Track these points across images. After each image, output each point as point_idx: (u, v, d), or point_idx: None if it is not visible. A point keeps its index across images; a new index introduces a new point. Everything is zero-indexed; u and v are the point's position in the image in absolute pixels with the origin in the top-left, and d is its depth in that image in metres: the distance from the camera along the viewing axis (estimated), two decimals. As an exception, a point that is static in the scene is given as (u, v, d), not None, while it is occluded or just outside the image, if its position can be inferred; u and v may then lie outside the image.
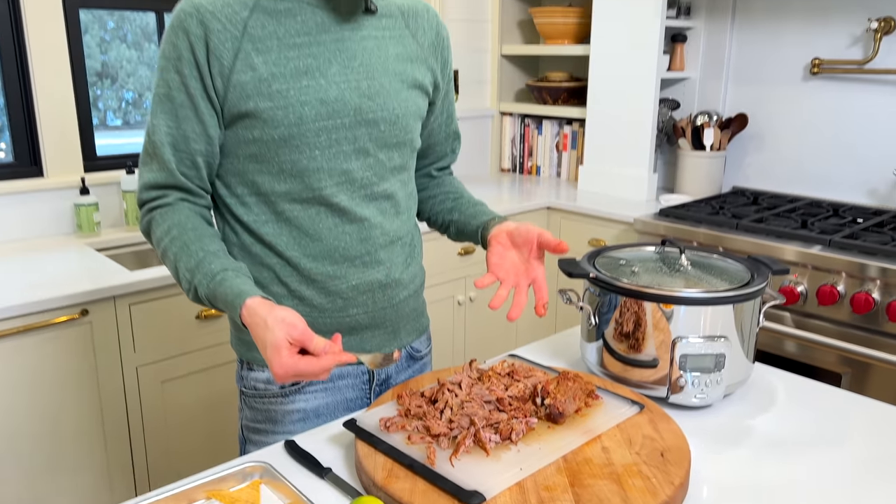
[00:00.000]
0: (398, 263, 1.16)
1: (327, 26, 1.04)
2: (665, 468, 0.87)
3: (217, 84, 1.00)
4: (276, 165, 1.04)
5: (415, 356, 1.27)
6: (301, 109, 1.01)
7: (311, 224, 1.07)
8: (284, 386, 1.13)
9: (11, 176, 2.05)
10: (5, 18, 2.00)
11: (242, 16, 1.00)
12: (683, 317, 1.06)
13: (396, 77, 1.09)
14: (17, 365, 1.60)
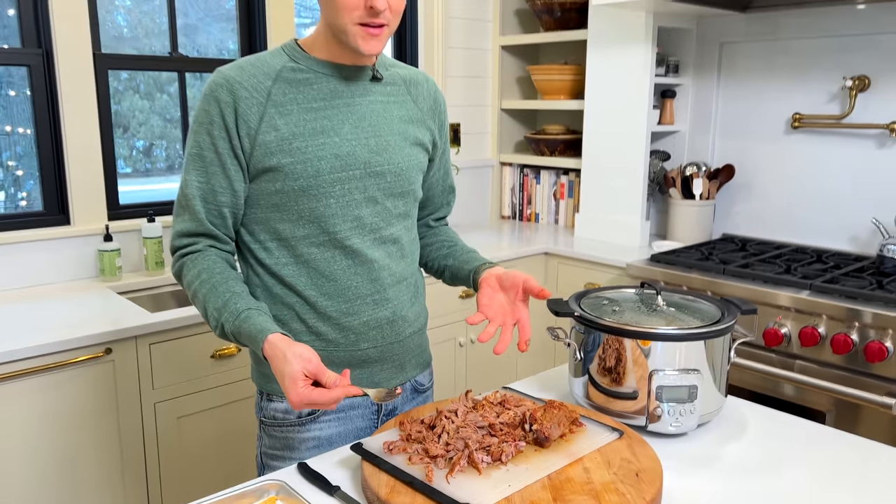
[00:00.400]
0: (404, 302, 1.29)
1: (340, 92, 1.20)
2: (639, 486, 0.97)
3: (244, 144, 1.15)
4: (295, 213, 1.18)
5: (419, 389, 1.39)
6: (318, 163, 1.16)
7: (327, 266, 1.21)
8: (301, 415, 1.25)
9: (41, 224, 2.19)
10: (41, 75, 2.16)
11: (266, 85, 1.16)
12: (660, 352, 1.17)
13: (400, 136, 1.25)
14: (43, 400, 1.70)
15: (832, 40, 2.49)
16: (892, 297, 1.96)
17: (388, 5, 1.12)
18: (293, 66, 1.19)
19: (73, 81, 2.16)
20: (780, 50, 2.62)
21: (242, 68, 1.17)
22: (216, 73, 1.17)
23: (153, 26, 2.47)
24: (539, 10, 3.11)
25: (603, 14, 2.77)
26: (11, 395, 1.66)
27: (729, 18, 2.72)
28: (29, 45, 2.15)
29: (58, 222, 2.22)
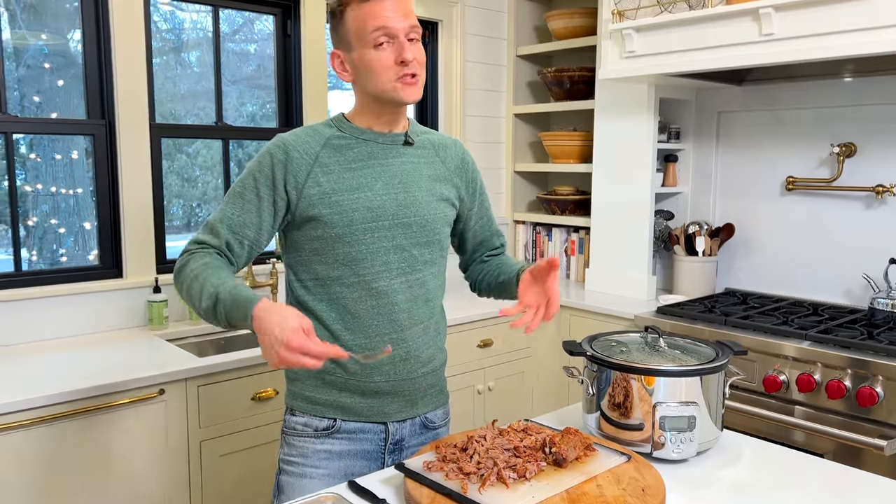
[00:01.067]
0: (419, 343, 1.45)
1: (375, 154, 1.42)
2: (645, 499, 1.13)
3: (292, 196, 1.37)
4: (332, 256, 1.38)
5: (428, 426, 1.52)
6: (352, 214, 1.37)
7: (353, 304, 1.39)
8: (317, 429, 1.42)
9: (97, 277, 2.40)
10: (103, 144, 2.41)
11: (315, 150, 1.39)
12: (663, 386, 1.34)
13: (427, 192, 1.45)
14: (102, 435, 1.87)
15: (821, 110, 2.71)
16: (881, 347, 2.11)
17: (414, 56, 1.35)
18: (339, 135, 1.41)
19: (131, 149, 2.40)
20: (774, 119, 2.84)
21: (298, 135, 1.41)
22: (277, 137, 1.41)
23: (191, 93, 2.73)
24: (550, 83, 3.37)
25: (609, 87, 3.02)
26: (76, 430, 1.83)
27: (726, 91, 2.96)
28: (94, 116, 2.40)
29: (112, 275, 2.43)
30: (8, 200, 2.29)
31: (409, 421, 1.48)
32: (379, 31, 1.33)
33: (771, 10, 2.15)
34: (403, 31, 1.34)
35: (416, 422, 1.50)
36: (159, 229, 2.54)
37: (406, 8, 1.36)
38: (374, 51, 1.34)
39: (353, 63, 1.38)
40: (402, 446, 1.48)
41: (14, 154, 2.29)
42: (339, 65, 1.41)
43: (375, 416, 1.44)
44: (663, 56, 2.49)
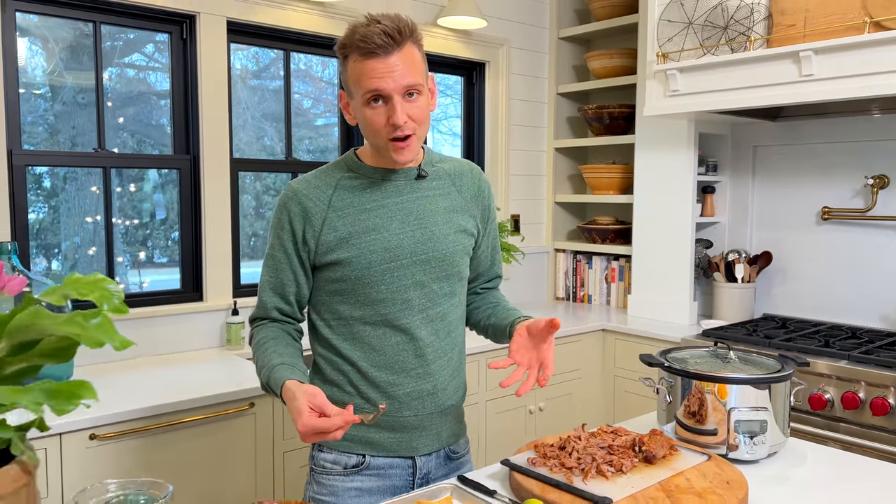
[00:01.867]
0: (445, 376, 1.47)
1: (389, 193, 1.43)
2: (731, 490, 1.27)
3: (310, 244, 1.40)
4: (353, 297, 1.41)
5: (451, 457, 1.54)
6: (370, 256, 1.39)
7: (378, 342, 1.42)
8: (346, 466, 1.45)
9: (180, 300, 2.58)
10: (188, 177, 2.60)
11: (328, 194, 1.41)
12: (736, 393, 1.48)
13: (445, 225, 1.45)
14: (197, 445, 2.03)
15: (853, 145, 2.87)
16: (921, 366, 2.24)
17: (407, 118, 1.32)
18: (350, 176, 1.43)
19: (214, 182, 2.60)
20: (808, 153, 3.01)
21: (308, 182, 1.43)
22: (287, 188, 1.44)
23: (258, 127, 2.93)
24: (590, 118, 3.56)
25: (650, 122, 3.20)
26: (176, 441, 1.99)
27: (761, 126, 3.14)
28: (179, 151, 2.61)
29: (194, 299, 2.61)
30: (104, 229, 2.48)
31: (435, 454, 1.50)
32: (371, 92, 1.31)
33: (811, 52, 2.33)
34: (397, 91, 1.31)
35: (440, 454, 1.52)
36: (236, 256, 2.72)
37: (407, 64, 1.32)
38: (368, 108, 1.33)
39: (354, 110, 1.39)
40: (429, 479, 1.50)
41: (111, 186, 2.48)
42: (345, 106, 1.42)
43: (404, 450, 1.46)
44: (705, 95, 2.67)
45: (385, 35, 1.30)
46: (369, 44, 1.30)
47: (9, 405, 0.63)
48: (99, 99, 2.45)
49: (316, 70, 3.07)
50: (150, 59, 2.63)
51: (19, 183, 2.27)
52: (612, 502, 1.21)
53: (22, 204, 2.29)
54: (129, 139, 2.56)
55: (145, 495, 0.78)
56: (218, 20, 2.57)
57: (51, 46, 2.37)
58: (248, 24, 2.68)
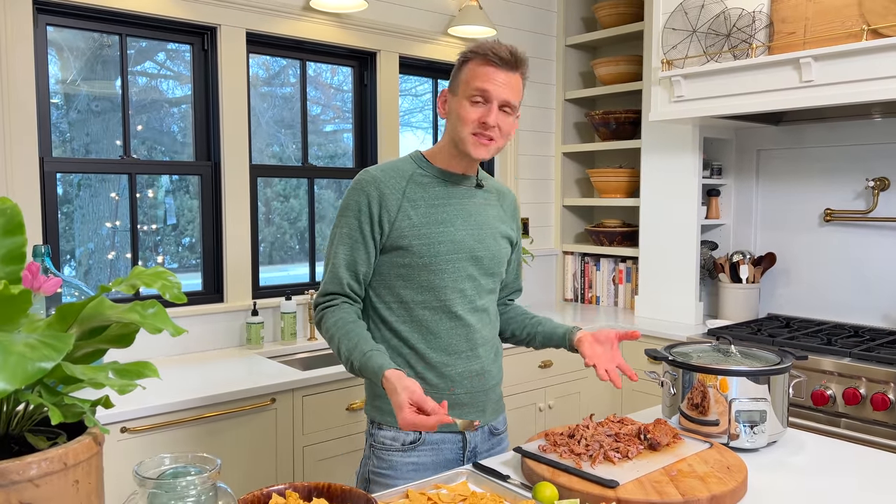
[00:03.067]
0: (490, 359, 1.65)
1: (453, 194, 1.61)
2: (731, 474, 1.35)
3: (385, 227, 1.54)
4: (416, 282, 1.56)
5: (494, 432, 1.70)
6: (438, 246, 1.55)
7: (435, 325, 1.57)
8: (404, 443, 1.58)
9: (202, 301, 2.67)
10: (209, 183, 2.70)
11: (402, 185, 1.57)
12: (737, 385, 1.56)
13: (494, 230, 1.65)
14: (221, 439, 2.12)
15: (854, 148, 2.95)
16: (921, 362, 2.31)
17: (497, 124, 1.51)
18: (421, 173, 1.59)
19: (234, 187, 2.70)
20: (810, 156, 3.08)
21: (385, 171, 1.58)
22: (364, 173, 1.57)
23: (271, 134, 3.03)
24: (597, 124, 3.65)
25: (655, 127, 3.28)
26: (201, 435, 2.08)
27: (764, 130, 3.21)
28: (201, 158, 2.71)
29: (215, 300, 2.70)
30: (130, 234, 2.58)
31: (481, 430, 1.65)
32: (479, 90, 1.50)
33: (811, 59, 2.41)
34: (499, 99, 1.50)
35: (485, 430, 1.67)
36: (255, 259, 2.82)
37: (514, 86, 1.52)
38: (468, 103, 1.51)
39: (451, 105, 1.56)
40: (476, 453, 1.64)
41: (136, 192, 2.59)
42: (442, 102, 1.60)
43: (455, 426, 1.57)
44: (709, 100, 2.75)
45: (510, 54, 1.52)
46: (496, 55, 1.51)
47: (86, 381, 0.72)
48: (124, 108, 2.55)
49: (325, 77, 3.17)
50: (162, 67, 2.72)
51: (50, 189, 2.38)
52: (619, 485, 1.29)
53: (53, 209, 2.39)
54: (139, 146, 2.64)
55: (195, 466, 0.87)
56: (238, 32, 2.68)
57: (66, 56, 2.47)
58: (267, 35, 2.78)
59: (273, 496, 1.15)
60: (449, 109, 1.58)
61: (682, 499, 1.25)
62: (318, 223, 3.11)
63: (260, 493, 1.16)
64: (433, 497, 1.30)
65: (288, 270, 3.08)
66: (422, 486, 1.36)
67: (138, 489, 0.84)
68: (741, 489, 1.33)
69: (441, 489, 1.36)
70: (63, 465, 0.71)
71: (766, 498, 1.34)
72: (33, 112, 2.28)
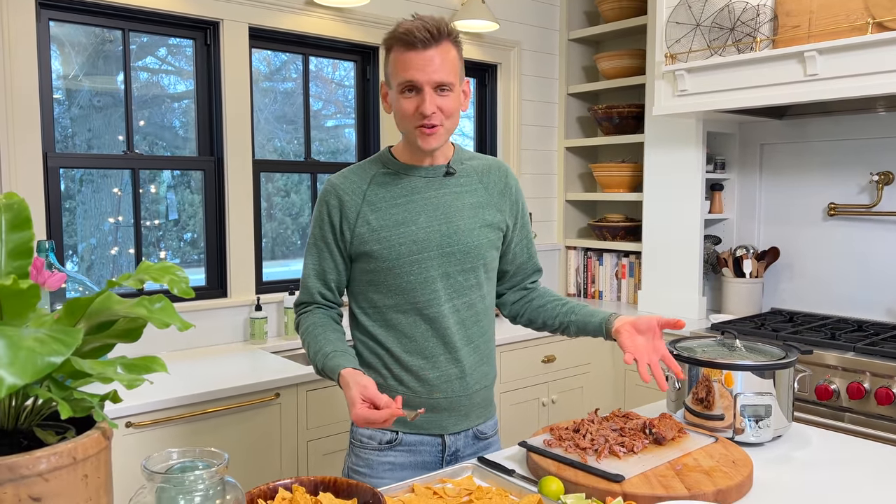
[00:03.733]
0: (471, 362, 1.57)
1: (418, 189, 1.53)
2: (736, 468, 1.35)
3: (347, 235, 1.53)
4: (385, 287, 1.52)
5: (479, 437, 1.64)
6: (399, 248, 1.50)
7: (409, 328, 1.53)
8: (381, 442, 1.56)
9: (205, 297, 2.68)
10: (212, 178, 2.70)
11: (363, 188, 1.53)
12: (742, 379, 1.56)
13: (470, 220, 1.54)
14: (226, 433, 2.12)
15: (858, 142, 2.94)
16: (925, 356, 2.31)
17: (437, 108, 1.43)
18: (384, 171, 1.54)
19: (237, 182, 2.70)
20: (814, 150, 3.07)
21: (346, 177, 1.55)
22: (327, 182, 1.56)
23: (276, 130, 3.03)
24: (600, 118, 3.64)
25: (658, 121, 3.27)
26: (205, 429, 2.08)
27: (767, 124, 3.20)
28: (204, 153, 2.70)
29: (218, 295, 2.70)
30: (133, 229, 2.58)
31: (463, 433, 1.60)
32: (406, 82, 1.43)
33: (815, 53, 2.40)
34: (429, 83, 1.42)
35: (468, 433, 1.62)
36: (258, 254, 2.82)
37: (440, 62, 1.42)
38: (402, 97, 1.45)
39: (391, 100, 1.50)
40: (458, 457, 1.60)
41: (139, 188, 2.59)
42: (384, 97, 1.53)
43: (433, 428, 1.57)
44: (713, 94, 2.74)
45: (425, 30, 1.42)
46: (410, 37, 1.42)
47: (95, 375, 0.72)
48: (127, 103, 2.55)
49: (327, 72, 3.17)
50: (163, 63, 2.72)
51: (54, 184, 2.38)
52: (625, 479, 1.29)
53: (56, 205, 2.39)
54: (140, 141, 2.64)
55: (203, 461, 0.87)
56: (240, 26, 2.67)
57: (67, 51, 2.47)
58: (269, 30, 2.78)
59: (280, 490, 1.15)
60: (391, 104, 1.52)
61: (688, 493, 1.25)
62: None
63: (266, 488, 1.16)
64: (438, 491, 1.31)
65: (290, 266, 3.08)
66: (427, 480, 1.36)
67: (147, 483, 0.84)
68: (747, 483, 1.33)
69: (447, 483, 1.36)
70: (72, 459, 0.71)
71: (772, 492, 1.34)
72: (36, 107, 2.27)
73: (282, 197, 3.04)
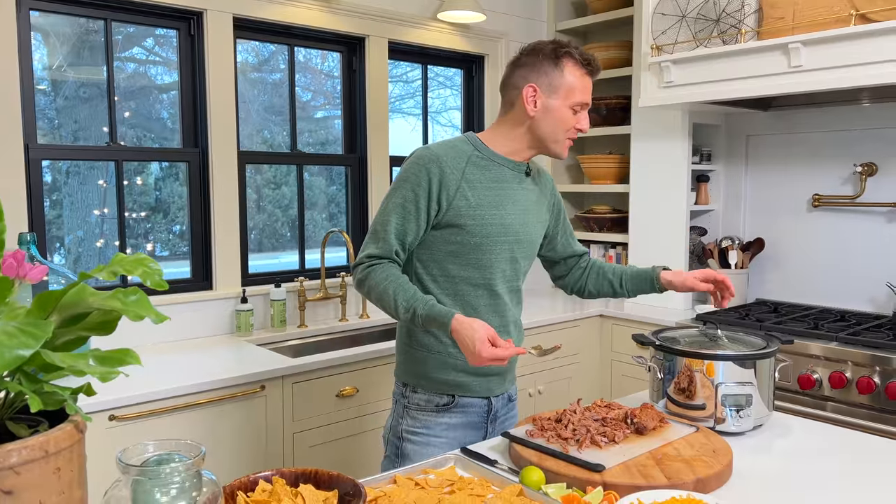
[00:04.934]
0: (516, 335, 1.76)
1: (507, 178, 1.69)
2: (716, 457, 1.36)
3: (443, 205, 1.60)
4: (465, 259, 1.64)
5: (511, 398, 1.83)
6: (490, 228, 1.64)
7: (475, 300, 1.67)
8: (438, 405, 1.69)
9: (191, 289, 2.66)
10: (196, 170, 2.68)
11: (461, 165, 1.63)
12: (723, 369, 1.57)
13: (534, 216, 1.75)
14: (211, 424, 2.12)
15: (843, 133, 2.95)
16: (906, 346, 2.33)
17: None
18: (478, 155, 1.66)
19: (222, 174, 2.68)
20: (799, 141, 3.09)
21: (446, 150, 1.63)
22: (425, 150, 1.63)
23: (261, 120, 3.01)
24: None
25: (645, 113, 3.27)
26: (189, 422, 2.08)
27: (753, 116, 3.21)
28: (188, 145, 2.69)
29: (204, 288, 2.69)
30: (117, 221, 2.56)
31: (502, 396, 1.77)
32: (582, 104, 1.63)
33: (799, 44, 2.40)
34: (589, 107, 1.66)
35: (504, 396, 1.79)
36: (244, 246, 2.80)
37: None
38: (570, 111, 1.62)
39: (545, 105, 1.61)
40: (496, 416, 1.77)
41: (123, 179, 2.57)
42: (532, 99, 1.62)
43: (483, 392, 1.72)
44: (698, 86, 2.75)
45: (596, 62, 1.65)
46: (590, 64, 1.63)
47: (66, 368, 0.71)
48: (110, 94, 2.52)
49: (315, 62, 3.15)
50: (150, 53, 2.69)
51: (36, 176, 2.35)
52: (605, 468, 1.30)
53: (38, 197, 2.37)
54: (128, 132, 2.62)
55: (179, 454, 0.87)
56: (224, 16, 2.65)
57: (52, 42, 2.44)
58: (254, 20, 2.75)
59: (260, 482, 1.15)
60: (542, 107, 1.62)
61: (668, 482, 1.26)
62: (308, 210, 3.09)
63: (247, 479, 1.16)
64: (420, 482, 1.31)
65: (279, 258, 3.07)
66: (410, 471, 1.37)
67: (122, 476, 0.84)
68: (726, 472, 1.34)
69: (429, 474, 1.36)
70: (44, 452, 0.71)
71: (751, 480, 1.35)
72: (17, 98, 2.25)
73: (272, 189, 3.03)
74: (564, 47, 1.62)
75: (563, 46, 1.63)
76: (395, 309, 1.57)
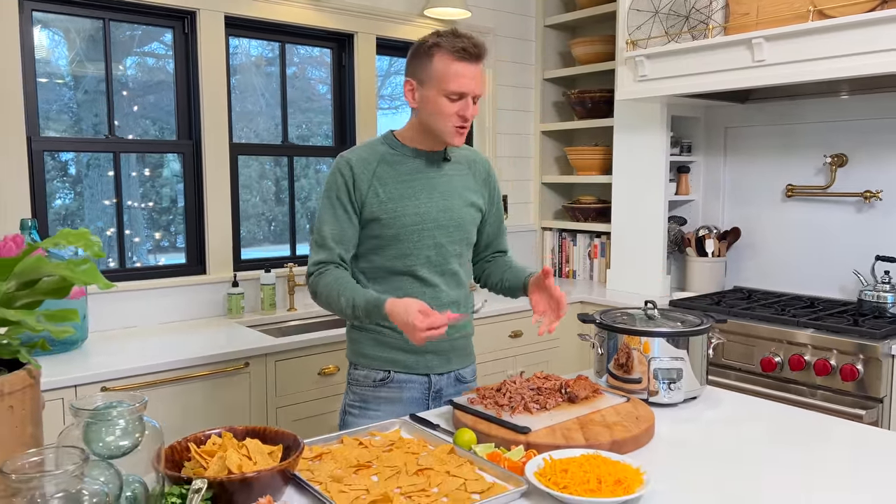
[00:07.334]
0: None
1: (421, 170, 1.77)
2: (638, 423, 1.48)
3: (356, 204, 1.73)
4: (386, 251, 1.75)
5: (461, 380, 1.88)
6: (404, 219, 1.73)
7: (403, 287, 1.76)
8: (375, 381, 1.79)
9: (185, 273, 2.82)
10: (190, 161, 2.84)
11: (373, 166, 1.75)
12: (657, 346, 1.69)
13: (460, 199, 1.80)
14: (196, 399, 2.28)
15: (818, 125, 3.03)
16: (863, 331, 2.42)
17: (472, 116, 1.70)
18: (391, 153, 1.76)
19: (215, 165, 2.83)
20: (775, 133, 3.17)
21: (358, 153, 1.75)
22: (340, 156, 1.76)
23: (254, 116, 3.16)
24: (573, 103, 3.74)
25: (626, 106, 3.37)
26: (176, 395, 2.23)
27: (731, 108, 3.30)
28: (183, 137, 2.84)
29: (197, 272, 2.85)
30: (115, 210, 2.73)
31: (446, 375, 1.84)
32: (457, 92, 1.65)
33: (762, 40, 2.49)
34: (472, 94, 1.67)
35: (451, 376, 1.85)
36: (236, 233, 2.96)
37: (480, 78, 1.68)
38: (446, 100, 1.66)
39: (423, 97, 1.68)
40: (441, 395, 1.84)
41: (120, 171, 2.73)
42: (410, 92, 1.71)
43: (420, 368, 1.80)
44: (671, 80, 2.84)
45: (475, 47, 1.66)
46: (465, 51, 1.64)
47: (20, 323, 0.86)
48: (108, 88, 2.68)
49: (326, 56, 3.28)
50: (169, 48, 2.85)
51: (38, 168, 2.52)
52: (531, 431, 1.42)
53: (41, 187, 2.54)
54: (150, 126, 2.80)
55: (124, 403, 1.02)
56: (216, 15, 2.80)
57: (72, 37, 2.61)
58: (245, 19, 2.90)
59: (212, 437, 1.30)
60: (421, 100, 1.69)
61: (586, 443, 1.39)
62: (298, 202, 3.24)
63: (201, 434, 1.31)
64: (365, 442, 1.45)
65: (273, 251, 3.22)
66: (357, 433, 1.50)
67: (74, 420, 0.98)
68: (645, 436, 1.46)
69: (375, 436, 1.50)
70: (0, 392, 0.86)
71: (669, 445, 1.47)
72: (20, 93, 2.41)
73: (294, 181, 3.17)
74: (439, 38, 1.65)
75: (439, 37, 1.66)
76: (341, 309, 1.67)
